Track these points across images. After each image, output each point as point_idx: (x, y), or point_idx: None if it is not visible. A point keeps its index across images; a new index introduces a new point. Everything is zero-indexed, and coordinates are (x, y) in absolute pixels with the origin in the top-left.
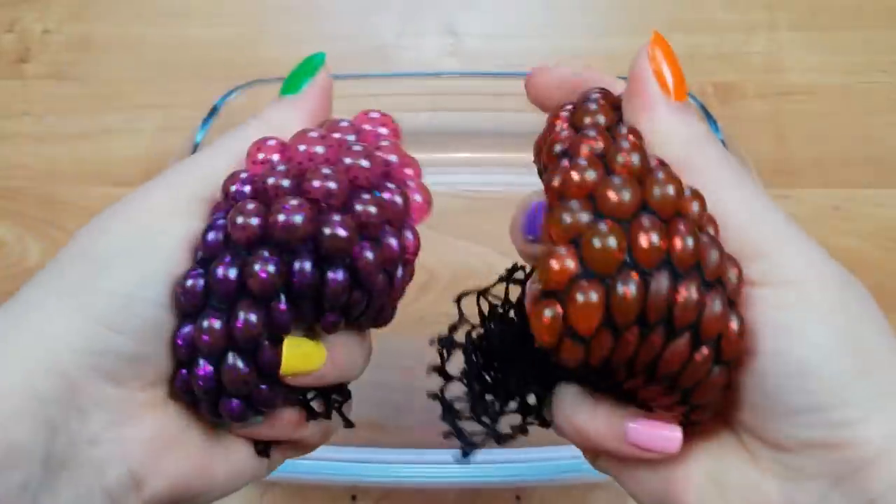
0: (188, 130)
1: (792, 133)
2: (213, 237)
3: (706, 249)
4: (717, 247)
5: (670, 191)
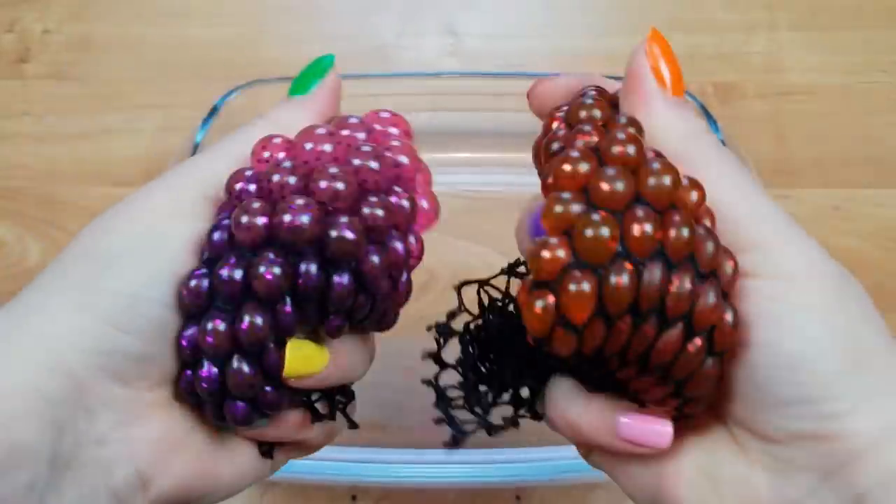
0: (188, 130)
1: (792, 133)
2: (219, 237)
3: (701, 241)
4: (712, 238)
5: (666, 181)
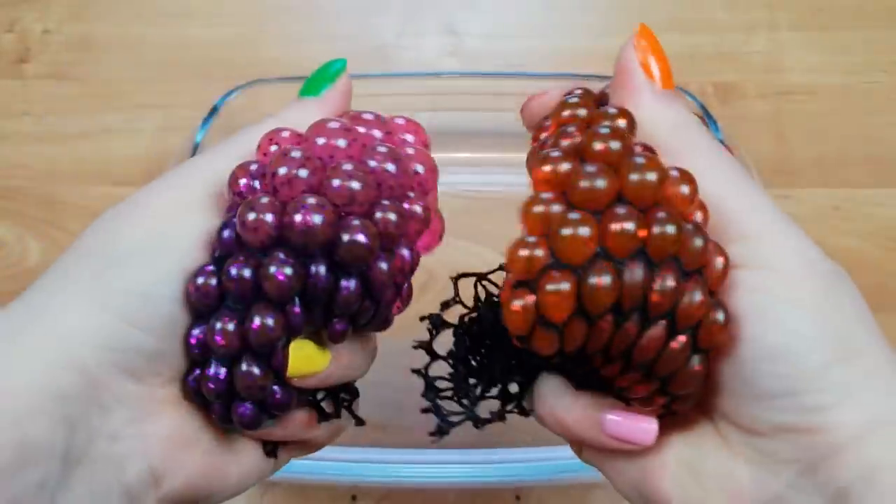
0: (188, 130)
1: (792, 133)
2: (228, 234)
3: (688, 238)
4: (700, 235)
5: (650, 177)
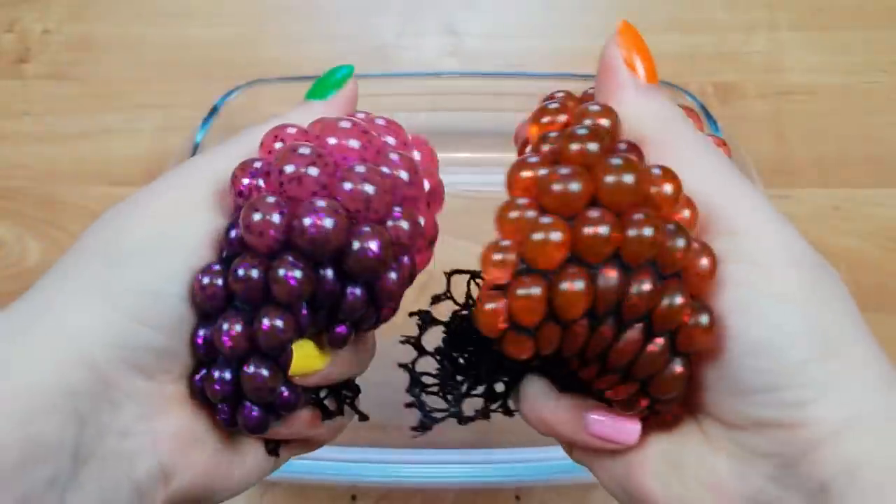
0: (188, 130)
1: (792, 133)
2: (235, 234)
3: (668, 239)
4: (683, 235)
5: (627, 179)
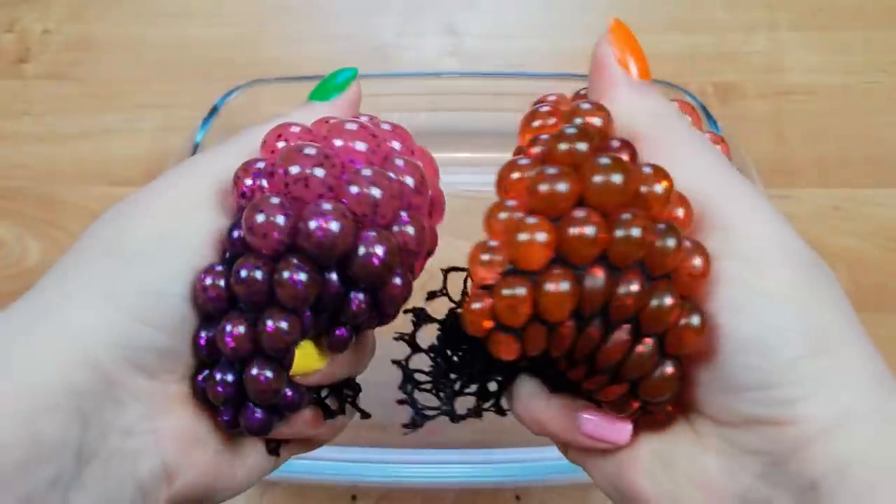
0: (188, 130)
1: (792, 133)
2: (238, 235)
3: (657, 239)
4: (673, 235)
5: (615, 179)
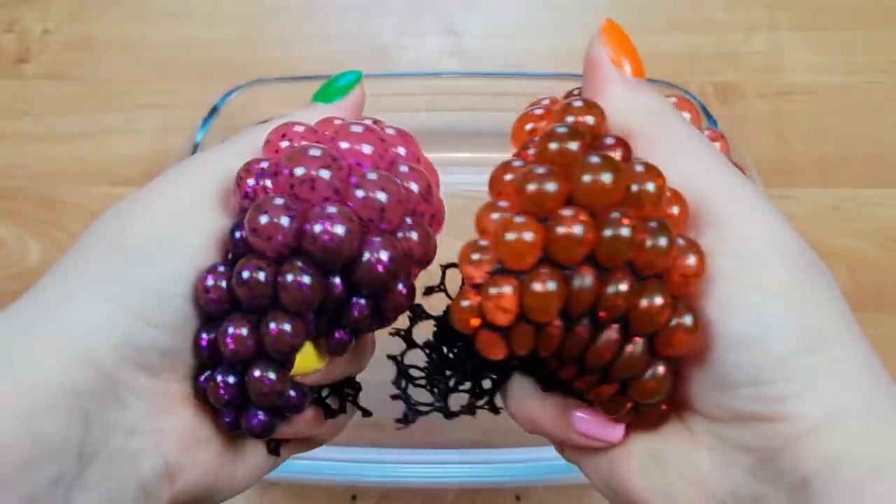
0: (188, 130)
1: (792, 133)
2: (241, 235)
3: (648, 239)
4: (665, 234)
5: (605, 178)
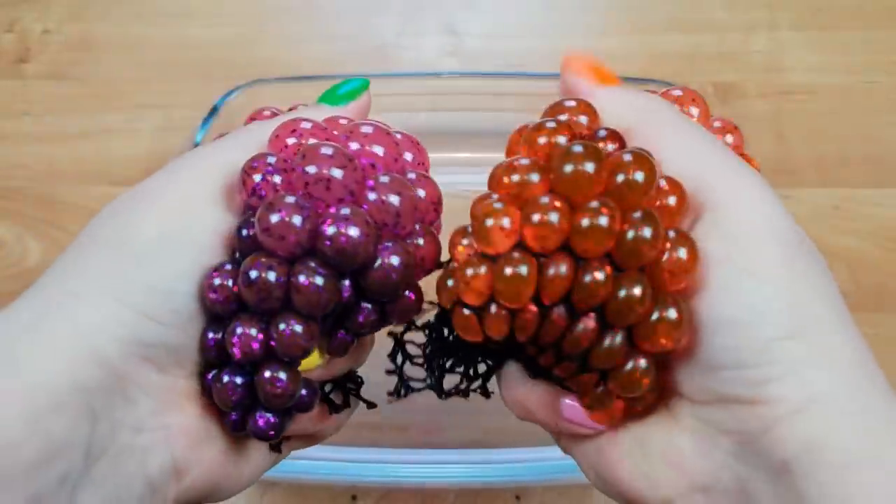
0: (188, 130)
1: (792, 133)
2: (247, 234)
3: (630, 229)
4: (650, 224)
5: (585, 167)
